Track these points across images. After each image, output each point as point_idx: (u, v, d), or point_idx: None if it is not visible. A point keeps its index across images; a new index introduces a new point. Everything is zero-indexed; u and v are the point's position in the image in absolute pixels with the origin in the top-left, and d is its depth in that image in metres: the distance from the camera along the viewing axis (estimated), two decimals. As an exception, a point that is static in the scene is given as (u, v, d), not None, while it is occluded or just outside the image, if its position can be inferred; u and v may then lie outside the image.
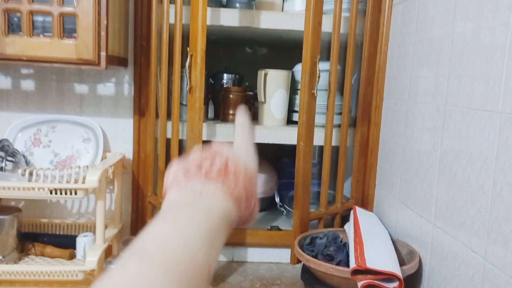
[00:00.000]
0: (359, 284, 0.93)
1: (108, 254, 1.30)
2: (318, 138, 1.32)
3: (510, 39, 0.79)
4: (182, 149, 1.28)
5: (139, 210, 1.40)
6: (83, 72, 1.38)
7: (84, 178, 1.10)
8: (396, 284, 0.91)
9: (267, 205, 1.75)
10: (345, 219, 1.38)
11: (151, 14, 1.32)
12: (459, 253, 0.91)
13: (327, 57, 1.35)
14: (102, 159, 1.33)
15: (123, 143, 1.41)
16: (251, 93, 1.59)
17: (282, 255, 1.47)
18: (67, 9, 1.10)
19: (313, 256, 1.09)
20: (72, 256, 1.26)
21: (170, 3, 1.27)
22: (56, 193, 1.10)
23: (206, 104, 1.55)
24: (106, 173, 1.19)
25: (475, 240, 0.86)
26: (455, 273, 0.93)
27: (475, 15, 0.90)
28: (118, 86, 1.40)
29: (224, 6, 1.41)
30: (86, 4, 1.09)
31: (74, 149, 1.34)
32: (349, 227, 1.22)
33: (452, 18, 1.00)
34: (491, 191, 0.82)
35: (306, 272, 1.14)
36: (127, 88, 1.40)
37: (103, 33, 1.12)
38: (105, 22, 1.11)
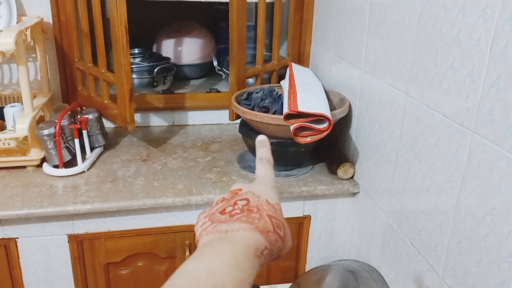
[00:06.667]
0: (292, 127, 0.97)
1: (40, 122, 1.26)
2: (253, -8, 1.26)
3: None
4: (104, 8, 1.18)
5: (68, 77, 1.33)
6: None
7: (-2, 42, 1.01)
8: (325, 124, 0.96)
9: (206, 70, 1.72)
10: (281, 77, 1.39)
11: None
12: (385, 93, 0.96)
13: None
14: (17, 24, 1.21)
15: (39, 5, 1.28)
16: None
17: (222, 117, 1.50)
18: None
19: (249, 109, 1.12)
20: (2, 128, 1.21)
21: None
22: (-32, 59, 1.00)
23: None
24: (23, 36, 1.10)
25: (399, 79, 0.90)
26: (380, 112, 0.99)
27: None
28: None
29: None
30: None
31: (-17, 13, 1.20)
32: (284, 82, 1.24)
33: None
34: (416, 26, 0.83)
35: (244, 126, 1.18)
36: None
37: None
38: None
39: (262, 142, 0.52)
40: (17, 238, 1.03)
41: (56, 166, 1.12)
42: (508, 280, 0.62)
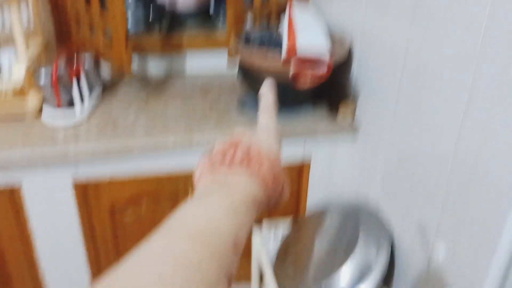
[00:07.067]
0: (291, 71, 0.95)
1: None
2: None
3: None
4: None
5: (62, 21, 1.29)
6: None
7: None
8: (325, 66, 0.95)
9: (203, 16, 1.66)
10: (281, 18, 1.35)
11: None
12: (387, 32, 0.93)
13: None
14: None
15: None
16: None
17: (221, 63, 1.46)
18: None
19: (248, 51, 1.09)
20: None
21: None
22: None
23: None
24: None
25: (402, 17, 0.87)
26: (382, 52, 0.96)
27: None
28: None
29: None
30: None
31: (-32, -46, 1.14)
32: (284, 23, 1.20)
33: None
34: (421, -42, 0.80)
35: (243, 69, 1.16)
36: None
37: None
38: None
39: (268, 90, 0.50)
40: (22, 184, 1.04)
41: (55, 113, 1.12)
42: (505, 215, 0.63)
